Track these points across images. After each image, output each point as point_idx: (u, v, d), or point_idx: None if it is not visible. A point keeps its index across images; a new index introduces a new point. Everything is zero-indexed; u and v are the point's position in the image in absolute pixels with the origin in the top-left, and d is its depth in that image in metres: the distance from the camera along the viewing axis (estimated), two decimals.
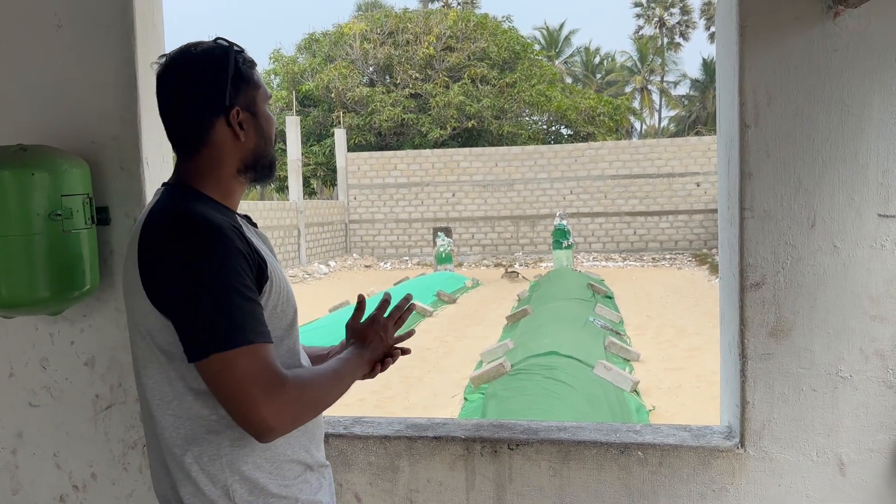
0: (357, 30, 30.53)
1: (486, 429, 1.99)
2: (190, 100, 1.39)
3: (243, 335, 1.25)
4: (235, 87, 1.39)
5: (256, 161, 1.45)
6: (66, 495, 2.10)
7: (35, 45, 2.01)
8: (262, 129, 1.44)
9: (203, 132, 1.39)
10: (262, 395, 1.25)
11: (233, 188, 1.45)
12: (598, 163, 25.63)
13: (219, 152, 1.41)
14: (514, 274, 20.03)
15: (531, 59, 31.88)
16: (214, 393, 1.28)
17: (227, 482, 1.33)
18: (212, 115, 1.38)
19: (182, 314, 1.27)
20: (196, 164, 1.42)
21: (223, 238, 1.28)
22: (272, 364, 1.28)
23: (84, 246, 1.89)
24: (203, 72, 1.38)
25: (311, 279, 21.41)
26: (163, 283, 1.29)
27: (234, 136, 1.40)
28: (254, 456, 1.35)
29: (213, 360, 1.24)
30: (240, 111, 1.40)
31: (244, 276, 1.28)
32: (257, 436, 1.27)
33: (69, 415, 2.07)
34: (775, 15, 1.73)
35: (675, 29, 49.41)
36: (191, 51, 1.40)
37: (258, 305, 1.30)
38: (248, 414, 1.25)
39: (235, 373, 1.24)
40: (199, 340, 1.25)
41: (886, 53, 1.70)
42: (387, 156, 26.99)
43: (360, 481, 1.98)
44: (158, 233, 1.32)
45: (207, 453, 1.33)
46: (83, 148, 1.99)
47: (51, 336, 2.06)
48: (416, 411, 7.51)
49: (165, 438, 1.35)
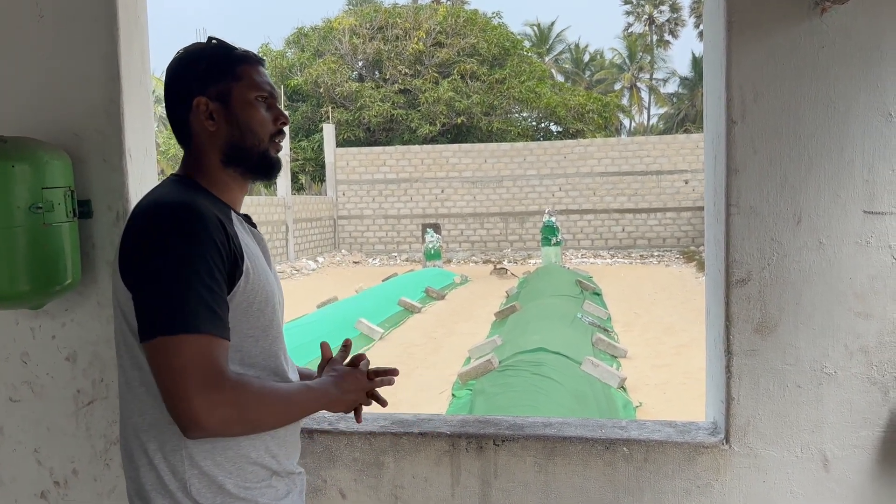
0: (346, 24, 30.42)
1: (471, 425, 1.99)
2: (170, 98, 1.46)
3: (193, 322, 1.21)
4: (205, 78, 1.42)
5: (238, 153, 1.44)
6: (47, 491, 2.07)
7: (15, 36, 1.98)
8: (237, 119, 1.43)
9: (184, 127, 1.45)
10: (196, 388, 1.20)
11: (224, 181, 1.45)
12: (587, 160, 25.68)
13: (199, 144, 1.44)
14: (502, 270, 20.05)
15: (521, 56, 31.88)
16: (154, 377, 1.24)
17: (185, 475, 1.31)
18: (182, 109, 1.43)
19: (141, 292, 1.26)
20: (188, 156, 1.46)
21: (200, 225, 1.27)
22: (215, 359, 1.23)
23: (65, 239, 1.87)
24: (177, 72, 1.45)
25: (299, 275, 21.34)
26: (130, 262, 1.30)
27: (205, 127, 1.42)
28: (214, 453, 1.33)
29: (158, 342, 1.21)
30: (208, 102, 1.41)
31: (212, 266, 1.26)
32: (182, 429, 1.23)
33: (50, 410, 2.05)
34: (762, 11, 1.73)
35: (664, 26, 49.54)
36: (181, 51, 1.47)
37: (221, 298, 1.27)
38: (178, 404, 1.21)
39: (176, 359, 1.20)
40: (149, 320, 1.23)
41: (872, 50, 1.70)
42: (376, 151, 26.93)
43: (345, 477, 1.97)
44: (140, 215, 1.33)
45: (170, 443, 1.31)
46: (65, 140, 1.97)
47: (32, 330, 2.04)
48: (404, 407, 7.50)
49: (134, 422, 1.34)
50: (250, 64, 1.46)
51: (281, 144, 1.50)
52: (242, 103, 1.43)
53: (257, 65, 1.47)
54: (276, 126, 1.48)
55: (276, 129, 1.48)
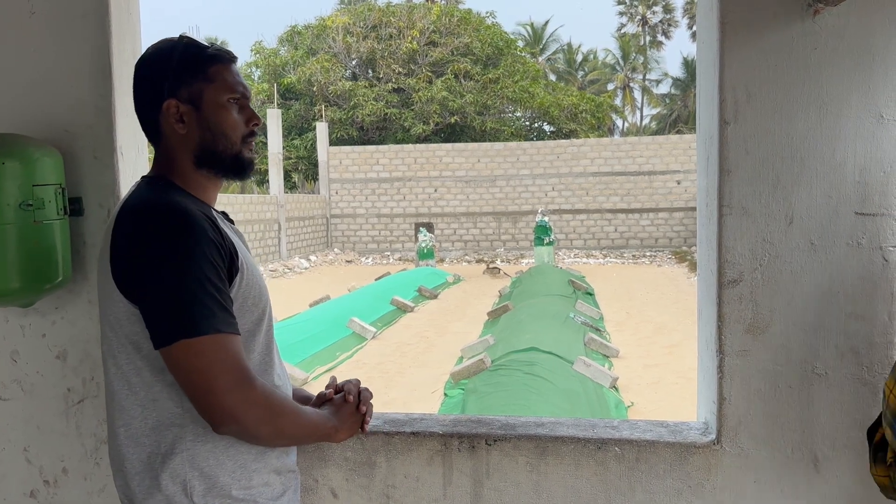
0: (340, 23, 30.37)
1: (463, 424, 1.99)
2: (139, 96, 1.44)
3: (212, 323, 1.23)
4: (176, 79, 1.38)
5: (210, 155, 1.41)
6: (36, 490, 2.06)
7: (7, 32, 1.97)
8: (208, 122, 1.40)
9: (154, 127, 1.43)
10: (230, 385, 1.24)
11: (198, 181, 1.43)
12: (580, 160, 25.72)
13: (170, 144, 1.42)
14: (495, 270, 20.06)
15: (514, 56, 31.89)
16: (178, 380, 1.26)
17: (185, 477, 1.31)
18: (154, 107, 1.41)
19: (150, 300, 1.26)
20: (159, 156, 1.44)
21: (195, 226, 1.27)
22: (239, 356, 1.27)
23: (56, 237, 1.86)
24: (148, 67, 1.42)
25: (291, 274, 21.30)
26: (131, 271, 1.28)
27: (175, 129, 1.40)
28: (216, 453, 1.33)
29: (180, 346, 1.23)
30: (179, 104, 1.39)
31: (215, 265, 1.27)
32: (215, 424, 1.26)
33: (40, 409, 2.04)
34: (756, 12, 1.73)
35: (657, 27, 49.66)
36: (152, 46, 1.44)
37: (227, 296, 1.29)
38: (212, 402, 1.24)
39: (202, 360, 1.22)
40: (166, 326, 1.24)
41: (865, 52, 1.70)
42: (369, 150, 26.91)
43: (337, 477, 1.96)
44: (130, 221, 1.31)
45: (170, 446, 1.31)
46: (56, 137, 1.95)
47: (22, 328, 2.02)
48: (396, 406, 7.50)
49: (133, 428, 1.33)
50: (223, 63, 1.42)
51: (254, 145, 1.48)
52: (214, 106, 1.40)
53: (229, 64, 1.43)
54: (248, 128, 1.45)
55: (248, 131, 1.45)
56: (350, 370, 9.15)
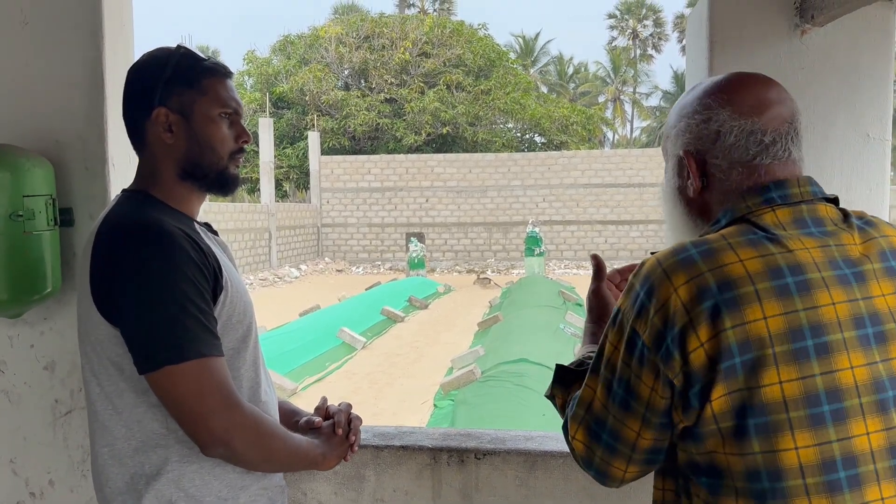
0: (333, 33, 30.44)
1: (453, 438, 1.99)
2: (128, 101, 1.41)
3: (196, 348, 1.22)
4: (168, 88, 1.36)
5: (195, 168, 1.39)
6: (22, 502, 2.05)
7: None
8: (196, 135, 1.37)
9: (140, 133, 1.40)
10: (215, 408, 1.23)
11: (182, 194, 1.40)
12: (571, 171, 25.83)
13: (154, 154, 1.39)
14: (486, 280, 20.07)
15: (506, 67, 32.05)
16: (166, 405, 1.25)
17: (171, 498, 1.30)
18: (141, 115, 1.38)
19: (132, 325, 1.25)
20: (142, 166, 1.42)
21: (175, 247, 1.25)
22: (227, 379, 1.26)
23: (46, 247, 1.85)
24: (141, 73, 1.40)
25: (281, 283, 21.25)
26: (113, 294, 1.26)
27: (161, 139, 1.37)
28: (202, 473, 1.32)
29: (165, 372, 1.22)
30: (169, 113, 1.36)
31: (198, 286, 1.25)
32: (203, 447, 1.25)
33: (27, 420, 2.02)
34: (744, 31, 1.76)
35: (647, 41, 50.07)
36: (145, 54, 1.42)
37: (212, 317, 1.27)
38: (200, 426, 1.23)
39: (188, 385, 1.22)
40: (150, 353, 1.23)
41: (851, 72, 1.73)
42: (360, 160, 26.93)
43: (325, 490, 1.96)
44: (109, 241, 1.29)
45: (155, 467, 1.30)
46: (47, 147, 1.95)
47: (9, 339, 2.01)
48: (385, 417, 7.47)
49: (116, 449, 1.32)
50: (217, 77, 1.40)
51: (241, 161, 1.46)
52: (204, 119, 1.38)
53: (224, 78, 1.41)
54: (237, 144, 1.42)
55: (237, 147, 1.42)
56: (340, 380, 9.12)
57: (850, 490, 0.97)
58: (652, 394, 1.04)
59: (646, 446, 1.09)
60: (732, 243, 1.03)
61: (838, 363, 0.98)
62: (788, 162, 1.12)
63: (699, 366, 0.99)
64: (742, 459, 0.99)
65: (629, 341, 1.06)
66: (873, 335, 1.01)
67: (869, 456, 0.97)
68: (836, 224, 1.08)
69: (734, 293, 0.99)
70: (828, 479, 0.97)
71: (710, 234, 1.07)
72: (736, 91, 1.13)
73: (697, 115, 1.13)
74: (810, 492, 0.97)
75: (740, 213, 1.09)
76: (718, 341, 0.98)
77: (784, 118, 1.12)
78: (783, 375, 0.97)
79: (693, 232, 1.16)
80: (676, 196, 1.19)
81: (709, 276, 1.00)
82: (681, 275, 1.02)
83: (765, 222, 1.06)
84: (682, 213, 1.19)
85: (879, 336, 1.01)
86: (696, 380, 1.00)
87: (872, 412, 0.98)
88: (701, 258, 1.02)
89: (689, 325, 1.00)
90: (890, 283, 1.04)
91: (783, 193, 1.09)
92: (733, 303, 0.99)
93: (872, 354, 1.00)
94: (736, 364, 0.98)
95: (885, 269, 1.05)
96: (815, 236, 1.05)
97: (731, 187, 1.11)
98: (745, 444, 0.99)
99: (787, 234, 1.05)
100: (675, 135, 1.17)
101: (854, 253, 1.05)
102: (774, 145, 1.11)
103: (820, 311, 0.99)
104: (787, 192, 1.09)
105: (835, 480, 0.97)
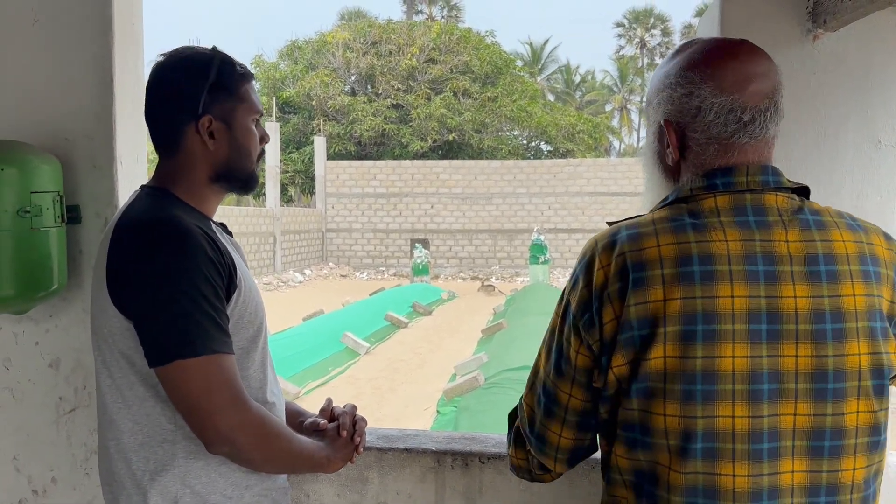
0: (340, 38, 30.56)
1: (457, 441, 1.98)
2: (166, 102, 1.40)
3: (207, 344, 1.23)
4: (213, 95, 1.37)
5: (229, 172, 1.42)
6: (24, 500, 2.04)
7: (10, 40, 1.97)
8: (237, 142, 1.41)
9: (176, 136, 1.39)
10: (223, 406, 1.23)
11: (206, 195, 1.43)
12: (577, 179, 25.83)
13: (190, 158, 1.40)
14: (490, 287, 20.06)
15: (513, 75, 32.13)
16: (173, 399, 1.26)
17: (176, 494, 1.30)
18: (184, 119, 1.38)
19: (146, 319, 1.25)
20: (171, 167, 1.41)
21: (193, 244, 1.26)
22: (236, 377, 1.26)
23: (53, 244, 1.85)
24: (182, 76, 1.39)
25: (285, 287, 21.27)
26: (128, 287, 1.27)
27: (204, 145, 1.39)
28: (208, 470, 1.32)
29: (176, 366, 1.22)
30: (213, 120, 1.38)
31: (213, 283, 1.26)
32: (209, 444, 1.25)
33: (31, 417, 2.02)
34: (756, 36, 1.73)
35: (655, 50, 50.10)
36: (179, 54, 1.42)
37: (224, 315, 1.28)
38: (206, 422, 1.23)
39: (197, 381, 1.22)
40: (162, 346, 1.23)
41: (863, 77, 1.72)
42: (366, 165, 26.98)
43: (328, 492, 1.95)
44: (128, 236, 1.30)
45: (161, 462, 1.30)
46: (55, 145, 1.95)
47: (14, 336, 2.01)
48: (388, 423, 7.46)
49: (123, 443, 1.32)
50: (248, 82, 1.44)
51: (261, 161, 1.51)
52: (243, 127, 1.42)
53: (252, 81, 1.45)
54: (260, 146, 1.47)
55: (260, 149, 1.47)
56: (343, 385, 9.11)
57: (704, 459, 1.07)
58: (578, 356, 1.16)
59: (577, 406, 1.19)
60: (659, 229, 1.11)
61: (721, 351, 1.05)
62: (762, 140, 1.16)
63: (610, 336, 1.11)
64: (625, 412, 1.12)
65: (564, 310, 1.19)
66: (766, 331, 1.06)
67: (729, 436, 1.06)
68: (781, 216, 1.11)
69: (643, 274, 1.08)
70: (685, 446, 1.07)
71: (646, 217, 1.15)
72: (718, 66, 1.14)
73: (680, 87, 1.16)
74: (671, 451, 1.08)
75: (684, 194, 1.14)
76: (624, 316, 1.09)
77: (765, 93, 1.15)
78: (668, 351, 1.06)
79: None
80: (655, 160, 1.24)
81: (629, 256, 1.10)
82: (608, 254, 1.12)
83: (701, 208, 1.12)
84: (660, 178, 1.23)
85: (774, 333, 1.06)
86: (607, 348, 1.12)
87: (742, 399, 1.06)
88: (627, 241, 1.11)
89: (608, 298, 1.11)
90: (807, 286, 1.07)
91: (727, 181, 1.12)
92: (641, 283, 1.08)
93: (759, 349, 1.06)
94: (634, 336, 1.08)
95: (806, 273, 1.08)
96: (745, 228, 1.09)
97: (705, 162, 1.15)
98: (629, 402, 1.11)
99: (714, 223, 1.10)
100: (658, 102, 1.20)
101: (780, 250, 1.09)
102: (752, 123, 1.14)
103: (717, 301, 1.06)
104: (731, 179, 1.12)
105: (692, 448, 1.07)
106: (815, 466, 1.07)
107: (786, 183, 1.14)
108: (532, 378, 1.26)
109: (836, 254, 1.09)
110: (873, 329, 1.08)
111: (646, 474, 1.12)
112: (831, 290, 1.07)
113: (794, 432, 1.07)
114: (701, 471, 1.07)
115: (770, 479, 1.06)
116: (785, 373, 1.06)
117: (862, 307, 1.08)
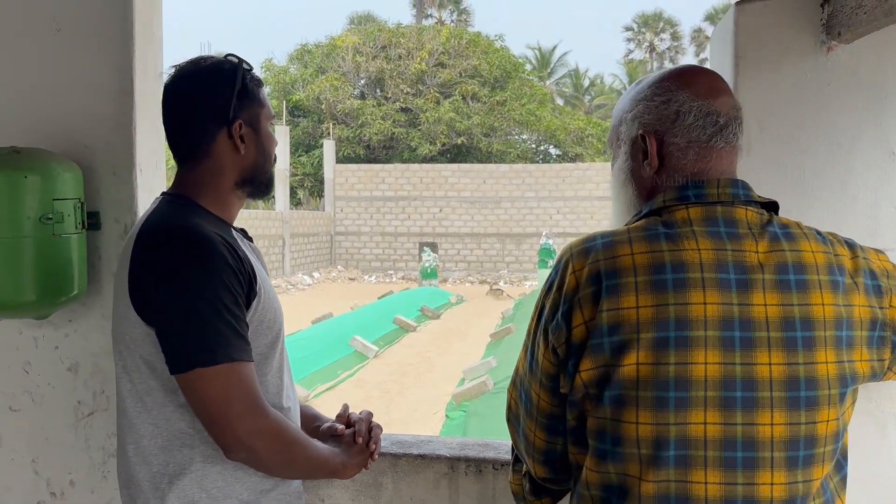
0: (350, 43, 30.65)
1: (471, 448, 1.99)
2: (195, 110, 1.41)
3: (228, 352, 1.25)
4: (240, 101, 1.41)
5: (255, 176, 1.46)
6: (42, 502, 2.06)
7: (32, 48, 2.00)
8: (262, 146, 1.46)
9: (205, 143, 1.41)
10: (241, 413, 1.25)
11: (230, 201, 1.46)
12: (586, 184, 25.79)
13: (219, 164, 1.42)
14: (498, 291, 20.05)
15: (522, 79, 32.13)
16: (193, 406, 1.28)
17: (194, 498, 1.32)
18: (215, 126, 1.40)
19: (167, 326, 1.27)
20: (196, 174, 1.43)
21: (214, 252, 1.28)
22: (255, 384, 1.28)
23: (74, 250, 1.88)
24: (211, 84, 1.41)
25: (294, 290, 21.31)
26: (150, 294, 1.29)
27: (235, 150, 1.41)
28: (225, 475, 1.34)
29: (196, 374, 1.24)
30: (242, 125, 1.41)
31: (233, 292, 1.28)
32: (227, 450, 1.27)
33: (50, 420, 2.04)
34: (770, 48, 1.76)
35: (664, 54, 50.01)
36: (201, 63, 1.44)
37: (244, 322, 1.30)
38: (225, 429, 1.25)
39: (217, 388, 1.24)
40: (183, 353, 1.25)
41: (877, 89, 1.73)
42: (375, 169, 27.02)
43: (343, 497, 1.96)
44: (150, 243, 1.32)
45: (179, 466, 1.32)
46: (76, 152, 1.98)
47: (35, 340, 2.04)
48: (396, 427, 7.47)
49: (142, 446, 1.34)
50: (262, 87, 1.49)
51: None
52: (265, 131, 1.47)
53: (264, 87, 1.50)
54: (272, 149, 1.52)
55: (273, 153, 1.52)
56: (351, 389, 9.13)
57: (676, 467, 1.07)
58: (543, 359, 1.17)
59: (544, 408, 1.20)
60: (633, 237, 1.13)
61: (694, 357, 1.06)
62: (734, 148, 1.20)
63: (578, 340, 1.12)
64: (596, 420, 1.12)
65: (539, 313, 1.20)
66: (739, 339, 1.07)
67: (701, 443, 1.06)
68: (751, 228, 1.13)
69: (617, 281, 1.09)
70: (657, 454, 1.07)
71: (621, 228, 1.18)
72: (692, 76, 1.21)
73: (657, 97, 1.21)
74: (643, 461, 1.08)
75: (657, 206, 1.16)
76: (595, 321, 1.10)
77: (732, 104, 1.20)
78: (641, 358, 1.07)
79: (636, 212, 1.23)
80: (628, 177, 1.25)
81: (602, 264, 1.11)
82: (581, 260, 1.14)
83: (675, 218, 1.14)
84: (632, 194, 1.25)
85: (747, 341, 1.07)
86: (574, 352, 1.12)
87: (714, 406, 1.06)
88: (602, 248, 1.13)
89: (578, 303, 1.12)
90: (777, 294, 1.09)
91: (699, 193, 1.15)
92: (614, 290, 1.09)
93: (732, 356, 1.07)
94: (604, 343, 1.09)
95: (777, 281, 1.09)
96: (717, 238, 1.11)
97: (685, 166, 1.18)
98: (600, 410, 1.11)
99: (687, 232, 1.12)
100: (632, 118, 1.24)
101: (751, 259, 1.10)
102: (727, 128, 1.18)
103: (689, 308, 1.07)
104: (703, 191, 1.15)
105: (664, 456, 1.07)
106: (792, 478, 1.07)
107: (755, 197, 1.17)
108: (514, 375, 1.29)
109: (805, 264, 1.11)
110: (839, 338, 1.10)
111: (614, 489, 1.11)
112: (801, 299, 1.09)
113: (773, 443, 1.07)
114: (673, 479, 1.07)
115: (745, 489, 1.06)
116: (760, 381, 1.07)
117: (830, 316, 1.10)
